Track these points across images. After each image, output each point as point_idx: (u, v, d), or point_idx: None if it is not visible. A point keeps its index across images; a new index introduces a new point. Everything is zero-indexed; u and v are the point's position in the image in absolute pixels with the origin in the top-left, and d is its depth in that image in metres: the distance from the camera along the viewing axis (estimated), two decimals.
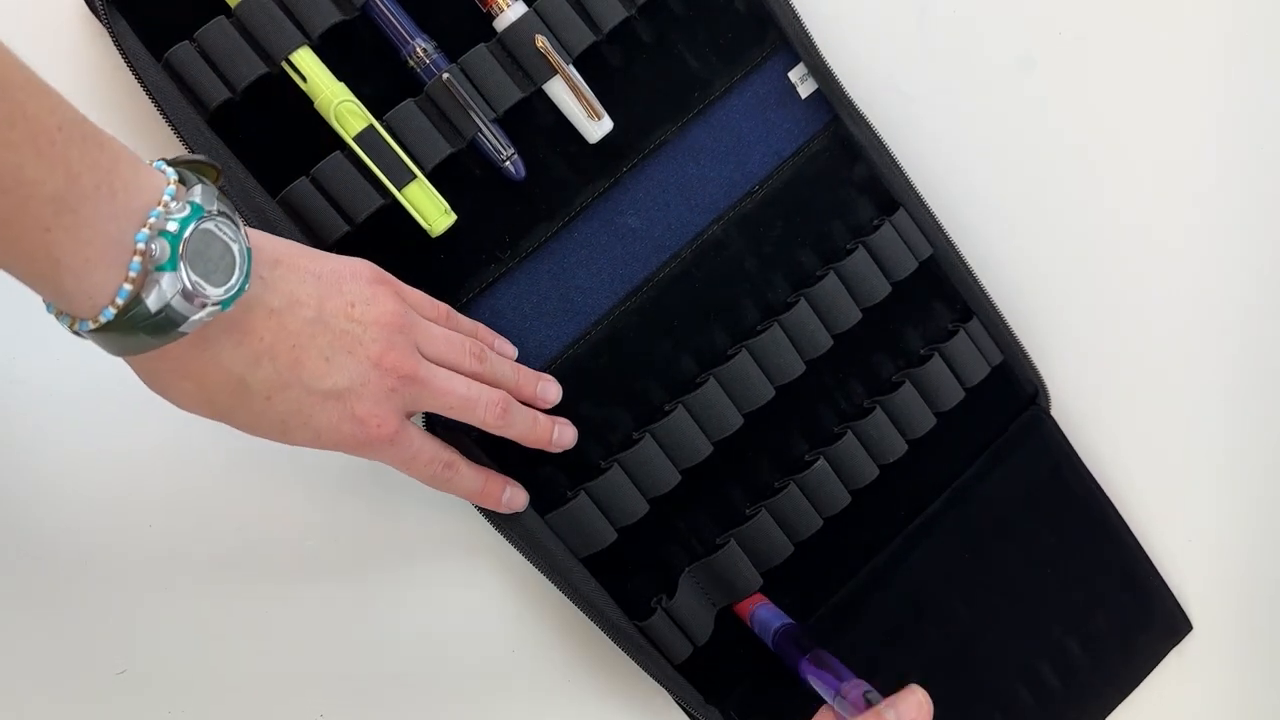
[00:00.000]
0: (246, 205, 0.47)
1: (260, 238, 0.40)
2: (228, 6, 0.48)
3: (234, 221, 0.37)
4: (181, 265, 0.35)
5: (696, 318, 0.55)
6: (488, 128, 0.50)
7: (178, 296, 0.35)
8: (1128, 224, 0.64)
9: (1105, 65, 0.63)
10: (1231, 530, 0.68)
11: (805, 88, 0.57)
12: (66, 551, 0.50)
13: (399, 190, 0.49)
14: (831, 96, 0.56)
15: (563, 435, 0.51)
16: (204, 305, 0.35)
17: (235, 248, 0.36)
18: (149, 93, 0.46)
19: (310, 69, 0.48)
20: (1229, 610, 0.67)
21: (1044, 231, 0.63)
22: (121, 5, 0.47)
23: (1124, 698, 0.64)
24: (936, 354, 0.58)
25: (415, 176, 0.49)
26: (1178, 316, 0.66)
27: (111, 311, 0.34)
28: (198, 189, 0.36)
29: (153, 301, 0.34)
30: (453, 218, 0.50)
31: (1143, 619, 0.64)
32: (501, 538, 0.52)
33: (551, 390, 0.52)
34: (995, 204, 0.62)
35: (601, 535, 0.53)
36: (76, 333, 0.35)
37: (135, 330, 0.35)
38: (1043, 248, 0.63)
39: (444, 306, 0.49)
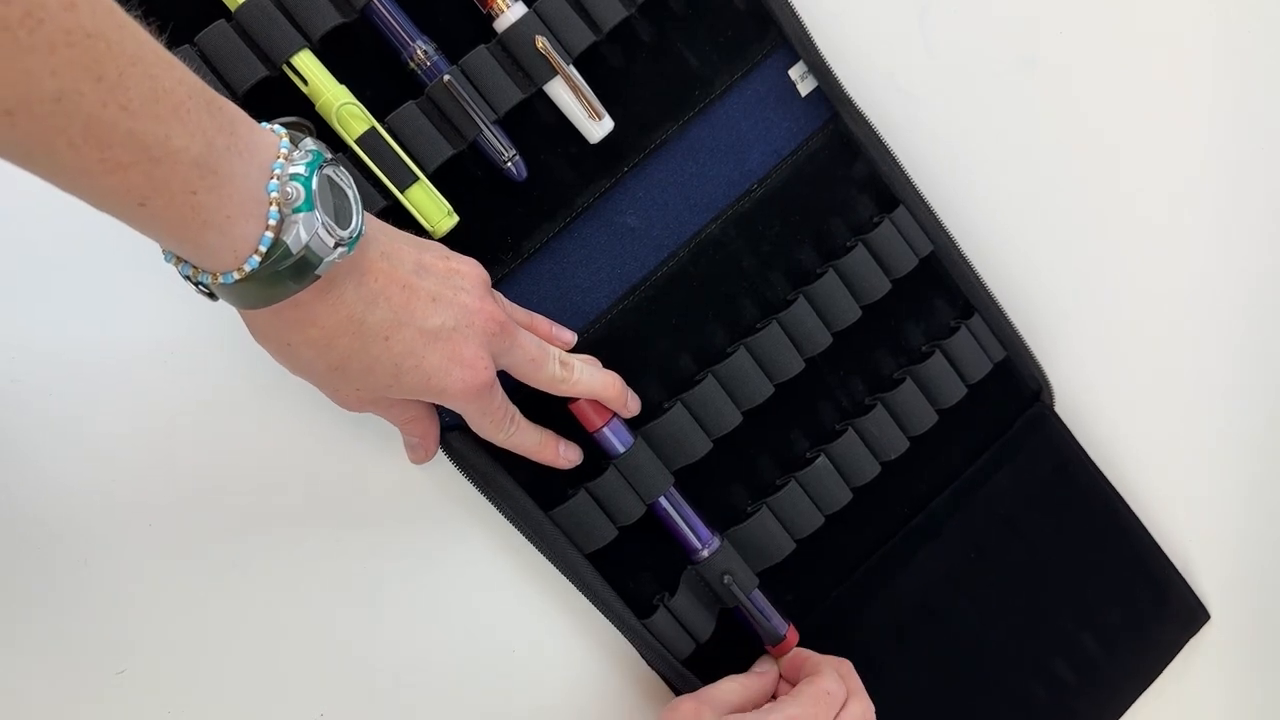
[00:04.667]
0: None
1: None
2: (228, 10, 0.48)
3: (346, 168, 0.39)
4: (316, 205, 0.37)
5: (695, 316, 0.55)
6: (489, 129, 0.50)
7: (315, 237, 0.37)
8: (1129, 219, 0.64)
9: (1106, 63, 0.63)
10: (1244, 518, 0.67)
11: (805, 85, 0.57)
12: (66, 551, 0.50)
13: (401, 192, 0.49)
14: (831, 94, 0.56)
15: (634, 403, 0.53)
16: (336, 245, 0.38)
17: (350, 193, 0.39)
18: None
19: (311, 72, 0.48)
20: (1247, 598, 0.67)
21: (1045, 228, 0.63)
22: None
23: (1142, 690, 0.64)
24: (938, 350, 0.58)
25: (417, 178, 0.49)
26: (1181, 309, 0.66)
27: (256, 259, 0.36)
28: (308, 141, 0.39)
29: (293, 242, 0.37)
30: (455, 219, 0.51)
31: (1158, 610, 0.64)
32: (502, 540, 0.53)
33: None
34: (996, 200, 0.62)
35: (602, 532, 0.53)
36: (211, 291, 0.38)
37: (278, 275, 0.37)
38: (1044, 244, 0.63)
39: (500, 295, 0.51)
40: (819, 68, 0.56)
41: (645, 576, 0.54)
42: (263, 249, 0.36)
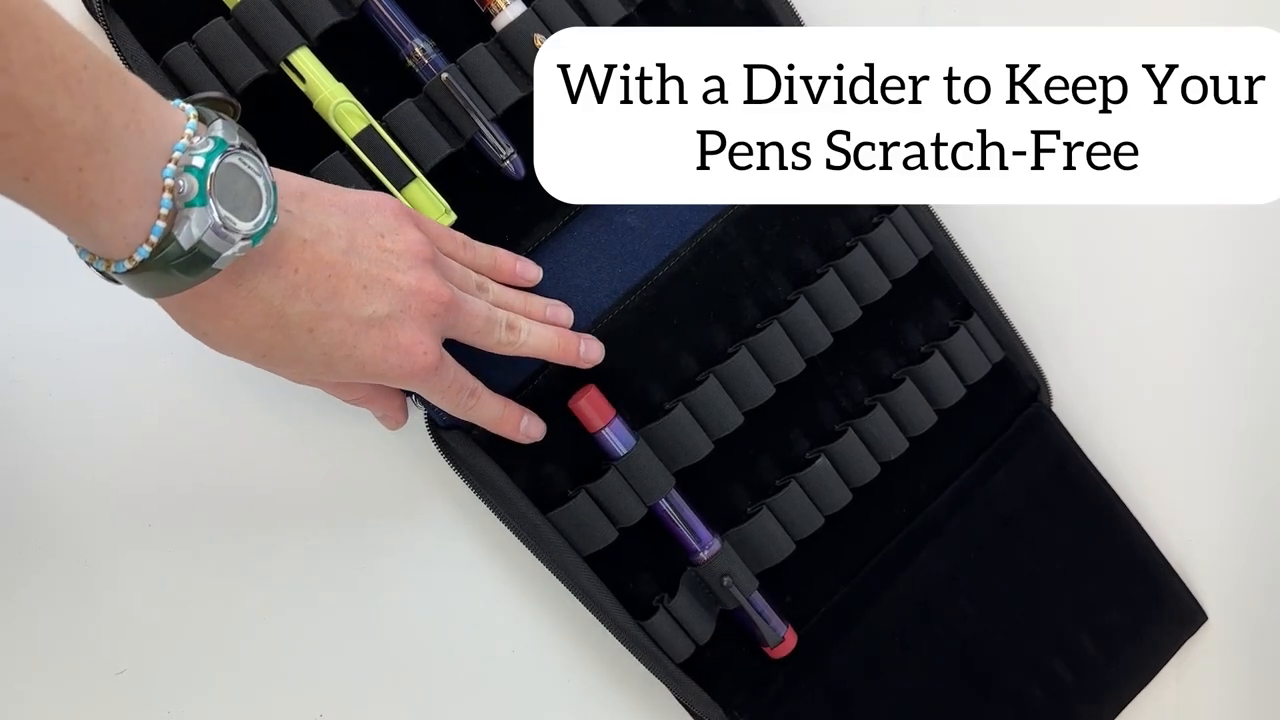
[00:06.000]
0: None
1: (284, 174, 0.40)
2: (226, 7, 0.48)
3: (257, 155, 0.37)
4: (210, 200, 0.35)
5: (696, 316, 0.55)
6: (487, 127, 0.50)
7: (209, 232, 0.35)
8: (1127, 218, 0.64)
9: None
10: (1242, 518, 0.67)
11: None
12: (66, 551, 0.50)
13: (399, 190, 0.49)
14: None
15: (590, 350, 0.51)
16: (235, 240, 0.35)
17: (260, 181, 0.37)
18: None
19: (309, 69, 0.48)
20: (1245, 599, 0.67)
21: (1043, 227, 0.63)
22: (120, 6, 0.47)
23: (1139, 690, 0.64)
24: (937, 351, 0.58)
25: (415, 176, 0.49)
26: (1177, 308, 0.66)
27: (146, 249, 0.34)
28: (219, 124, 0.37)
29: (184, 238, 0.34)
30: (453, 217, 0.50)
31: (1155, 611, 0.64)
32: (501, 539, 0.53)
33: (562, 313, 0.52)
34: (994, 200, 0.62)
35: (602, 534, 0.53)
36: (111, 277, 0.36)
37: (169, 269, 0.35)
38: (1042, 244, 0.63)
39: (460, 236, 0.49)
40: None
41: (644, 577, 0.54)
42: (154, 239, 0.34)
